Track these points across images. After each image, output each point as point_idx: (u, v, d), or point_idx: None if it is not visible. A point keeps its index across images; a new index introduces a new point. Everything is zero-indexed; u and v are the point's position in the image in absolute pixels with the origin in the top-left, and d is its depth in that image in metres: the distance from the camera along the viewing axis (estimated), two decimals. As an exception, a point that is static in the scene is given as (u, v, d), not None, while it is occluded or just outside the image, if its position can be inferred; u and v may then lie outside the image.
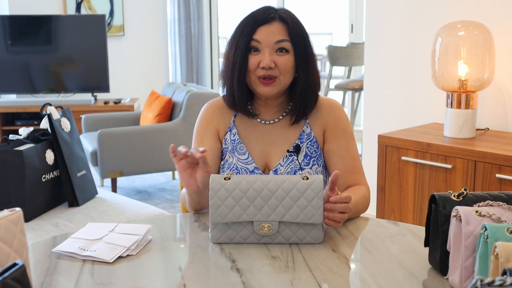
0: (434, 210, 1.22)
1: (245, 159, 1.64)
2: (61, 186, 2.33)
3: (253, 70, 1.58)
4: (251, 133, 1.67)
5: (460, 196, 1.19)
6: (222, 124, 1.69)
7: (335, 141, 1.66)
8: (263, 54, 1.56)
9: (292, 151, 1.63)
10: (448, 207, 1.17)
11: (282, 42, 1.57)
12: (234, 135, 1.67)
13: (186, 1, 5.79)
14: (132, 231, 1.40)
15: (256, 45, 1.57)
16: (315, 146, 1.65)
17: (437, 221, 1.21)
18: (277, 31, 1.57)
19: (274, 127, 1.67)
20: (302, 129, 1.66)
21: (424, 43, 3.05)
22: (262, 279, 1.19)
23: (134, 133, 4.16)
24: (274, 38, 1.57)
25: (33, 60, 5.34)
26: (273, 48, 1.57)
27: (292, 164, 1.62)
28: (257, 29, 1.57)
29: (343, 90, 5.14)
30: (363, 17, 5.85)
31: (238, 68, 1.58)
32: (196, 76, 5.94)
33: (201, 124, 1.71)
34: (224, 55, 1.66)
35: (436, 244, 1.22)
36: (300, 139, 1.65)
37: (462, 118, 2.61)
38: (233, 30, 1.64)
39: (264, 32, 1.57)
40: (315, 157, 1.65)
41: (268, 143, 1.66)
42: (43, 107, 2.26)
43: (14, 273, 0.81)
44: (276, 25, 1.58)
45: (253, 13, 1.61)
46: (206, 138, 1.68)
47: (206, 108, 1.73)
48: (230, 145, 1.66)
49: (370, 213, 3.47)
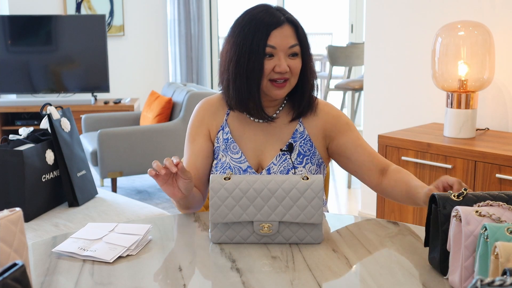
0: (434, 210, 1.22)
1: (238, 158, 1.64)
2: (61, 186, 2.33)
3: (268, 74, 1.58)
4: (244, 131, 1.67)
5: (460, 196, 1.19)
6: (214, 123, 1.69)
7: (343, 135, 1.67)
8: (278, 58, 1.57)
9: (285, 150, 1.63)
10: (448, 207, 1.17)
11: (294, 47, 1.58)
12: (226, 133, 1.66)
13: (186, 1, 5.79)
14: (132, 231, 1.40)
15: (272, 51, 1.57)
16: (308, 144, 1.66)
17: (437, 221, 1.21)
18: (289, 35, 1.58)
19: (268, 125, 1.67)
20: (295, 128, 1.67)
21: (424, 43, 3.05)
22: (262, 279, 1.19)
23: (134, 133, 4.16)
24: (288, 43, 1.57)
25: (33, 60, 5.34)
26: (286, 52, 1.58)
27: (285, 162, 1.62)
28: (270, 33, 1.57)
29: (343, 90, 5.14)
30: (363, 17, 5.85)
31: (256, 75, 1.57)
32: (196, 76, 5.95)
33: (193, 124, 1.71)
34: (225, 57, 1.62)
35: (436, 244, 1.22)
36: (293, 138, 1.65)
37: (462, 118, 2.61)
38: (232, 30, 1.60)
39: (278, 37, 1.57)
40: (309, 156, 1.65)
41: (261, 142, 1.66)
42: (43, 107, 2.26)
43: (14, 273, 0.81)
44: (287, 28, 1.58)
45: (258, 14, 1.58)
46: (198, 137, 1.68)
47: (199, 107, 1.73)
48: (223, 144, 1.66)
49: (370, 213, 3.47)
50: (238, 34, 1.58)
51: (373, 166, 1.65)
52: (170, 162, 1.42)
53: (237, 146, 1.65)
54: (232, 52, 1.59)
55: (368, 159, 1.65)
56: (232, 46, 1.59)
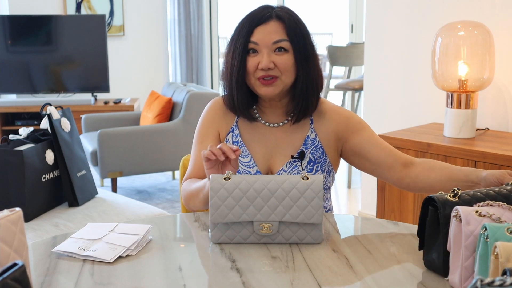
0: (432, 213, 1.21)
1: (247, 162, 1.62)
2: (61, 186, 2.33)
3: (252, 72, 1.55)
4: (254, 135, 1.64)
5: (456, 197, 1.19)
6: (224, 124, 1.66)
7: (356, 134, 1.64)
8: (261, 55, 1.54)
9: (296, 157, 1.60)
10: (448, 208, 1.17)
11: (280, 42, 1.54)
12: (236, 136, 1.64)
13: (186, 1, 5.79)
14: (132, 231, 1.39)
15: (254, 47, 1.55)
16: (319, 151, 1.63)
17: (434, 223, 1.21)
18: (274, 31, 1.54)
19: (278, 130, 1.64)
20: (307, 134, 1.63)
21: (424, 43, 3.05)
22: (262, 279, 1.19)
23: (134, 133, 4.16)
24: (271, 38, 1.54)
25: (33, 60, 5.34)
26: (271, 48, 1.54)
27: (295, 170, 1.60)
28: (254, 30, 1.54)
29: (343, 90, 5.14)
30: (363, 17, 5.85)
31: (236, 71, 1.56)
32: (196, 76, 5.94)
33: (203, 124, 1.68)
34: (224, 56, 1.64)
35: (433, 246, 1.21)
36: (305, 145, 1.62)
37: (462, 118, 2.61)
38: (232, 31, 1.62)
39: (261, 33, 1.54)
40: (319, 163, 1.62)
41: (271, 146, 1.63)
42: (43, 107, 2.26)
43: (14, 273, 0.81)
44: (273, 24, 1.55)
45: (251, 13, 1.59)
46: (207, 138, 1.66)
47: (210, 107, 1.70)
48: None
49: (370, 213, 3.47)
50: (231, 36, 1.60)
51: (393, 161, 1.61)
52: (229, 149, 1.39)
53: (247, 149, 1.62)
54: (225, 53, 1.61)
55: (387, 155, 1.62)
56: (227, 46, 1.62)
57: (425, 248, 1.24)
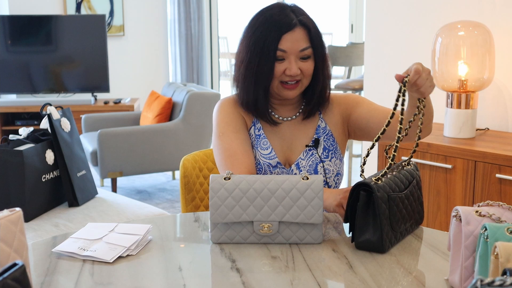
0: (363, 197, 1.30)
1: (268, 154, 1.67)
2: (61, 186, 2.33)
3: (278, 76, 1.62)
4: (273, 128, 1.70)
5: (379, 180, 1.30)
6: (247, 118, 1.71)
7: (356, 107, 1.71)
8: (289, 62, 1.60)
9: (311, 145, 1.68)
10: (380, 191, 1.28)
11: (306, 50, 1.61)
12: (259, 129, 1.69)
13: (186, 1, 5.79)
14: (132, 231, 1.40)
15: (282, 55, 1.60)
16: (331, 139, 1.70)
17: (365, 206, 1.30)
18: (300, 38, 1.60)
19: (291, 123, 1.71)
20: (318, 124, 1.71)
21: (424, 43, 3.05)
22: (262, 279, 1.19)
23: (134, 133, 4.16)
24: (298, 46, 1.60)
25: (33, 60, 5.34)
26: (297, 56, 1.61)
27: (313, 157, 1.67)
28: (281, 37, 1.58)
29: (343, 90, 5.14)
30: (363, 17, 5.85)
31: (265, 78, 1.61)
32: (196, 76, 5.95)
33: (228, 116, 1.69)
34: (238, 57, 1.66)
35: (364, 227, 1.30)
36: (317, 134, 1.70)
37: (462, 118, 2.61)
38: (246, 32, 1.63)
39: (289, 41, 1.59)
40: (332, 150, 1.70)
41: (287, 138, 1.70)
42: (43, 107, 2.26)
43: (14, 273, 0.82)
44: (299, 32, 1.60)
45: (272, 17, 1.60)
46: (241, 128, 1.68)
47: (222, 105, 1.72)
48: (254, 140, 1.69)
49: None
50: (251, 37, 1.61)
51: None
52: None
53: (267, 141, 1.68)
54: (244, 54, 1.63)
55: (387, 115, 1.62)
56: (244, 48, 1.63)
57: (357, 231, 1.31)
